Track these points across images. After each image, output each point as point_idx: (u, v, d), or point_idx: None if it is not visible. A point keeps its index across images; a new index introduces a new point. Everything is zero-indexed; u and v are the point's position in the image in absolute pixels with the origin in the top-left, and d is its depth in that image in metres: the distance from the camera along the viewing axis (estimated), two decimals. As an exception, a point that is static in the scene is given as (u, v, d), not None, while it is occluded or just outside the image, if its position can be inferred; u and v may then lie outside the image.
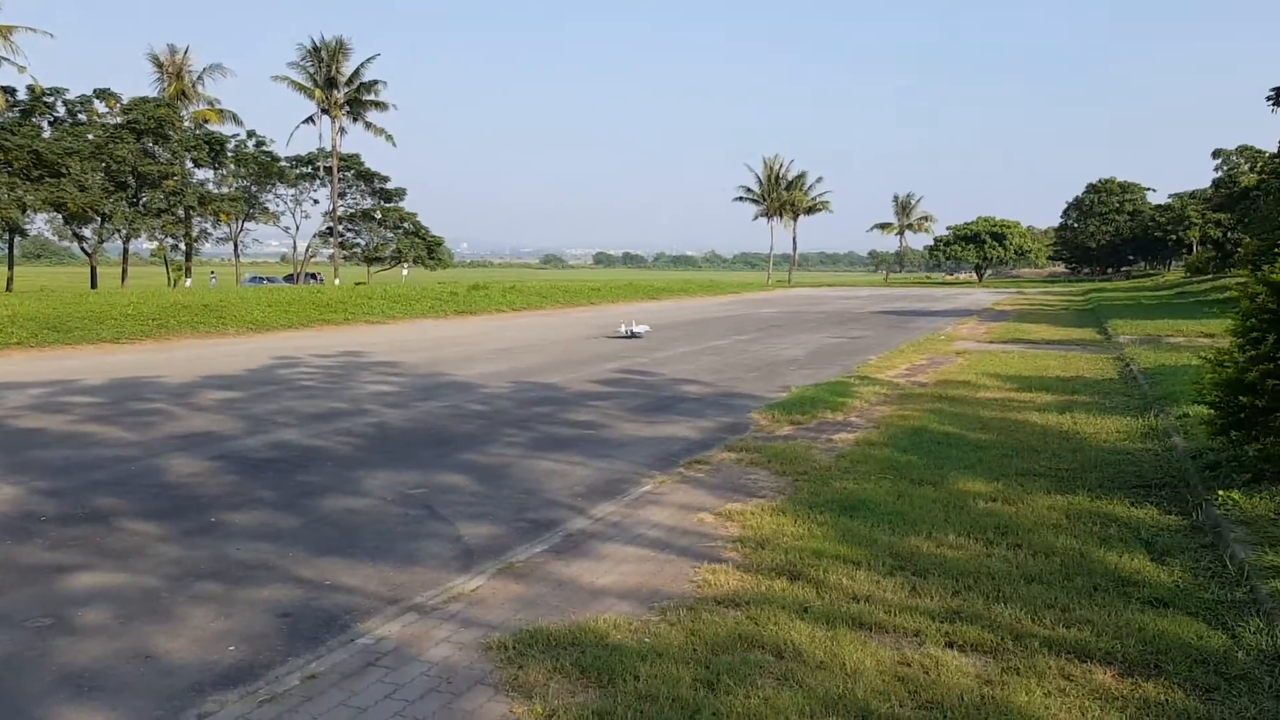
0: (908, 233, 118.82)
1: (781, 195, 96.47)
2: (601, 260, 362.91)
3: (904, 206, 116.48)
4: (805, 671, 4.39)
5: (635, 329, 25.60)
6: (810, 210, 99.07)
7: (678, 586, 5.66)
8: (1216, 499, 7.03)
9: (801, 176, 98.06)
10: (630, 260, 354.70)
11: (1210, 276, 65.39)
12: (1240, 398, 7.25)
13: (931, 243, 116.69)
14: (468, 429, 11.00)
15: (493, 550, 6.43)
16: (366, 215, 73.05)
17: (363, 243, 73.89)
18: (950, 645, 4.74)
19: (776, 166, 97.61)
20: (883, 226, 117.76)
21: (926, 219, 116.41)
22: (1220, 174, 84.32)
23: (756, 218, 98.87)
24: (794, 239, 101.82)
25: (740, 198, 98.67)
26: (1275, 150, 52.99)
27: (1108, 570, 5.81)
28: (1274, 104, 37.19)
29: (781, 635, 4.76)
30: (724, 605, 5.26)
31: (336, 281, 61.16)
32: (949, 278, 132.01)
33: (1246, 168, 77.98)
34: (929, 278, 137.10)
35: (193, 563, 6.15)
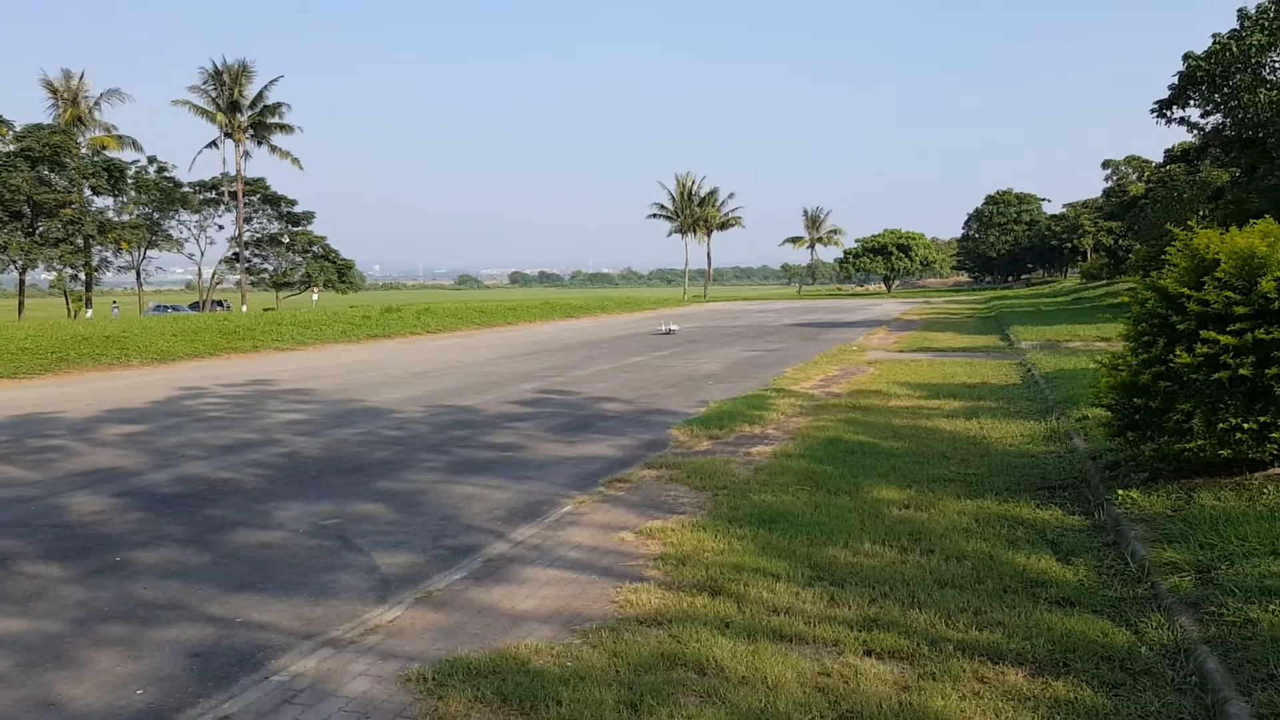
0: (818, 246, 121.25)
1: (695, 212, 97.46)
2: (518, 280, 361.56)
3: (814, 220, 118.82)
4: (727, 687, 4.42)
5: (671, 327, 31.13)
6: (723, 226, 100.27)
7: (600, 608, 5.64)
8: (1116, 498, 7.32)
9: (714, 193, 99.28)
10: (547, 279, 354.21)
11: (1105, 282, 68.21)
12: (1134, 400, 7.54)
13: (841, 255, 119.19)
14: (383, 455, 10.81)
15: (410, 579, 6.32)
16: (274, 240, 71.54)
17: (271, 268, 72.31)
18: (868, 653, 4.83)
19: (689, 183, 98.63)
20: (794, 240, 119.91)
21: (836, 232, 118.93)
22: (1110, 183, 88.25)
23: (671, 234, 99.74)
24: (708, 254, 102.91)
25: (654, 215, 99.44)
26: (1160, 160, 55.64)
27: (1017, 572, 5.98)
28: (1158, 116, 39.00)
29: (703, 652, 4.78)
30: (646, 625, 5.26)
31: (244, 308, 59.65)
32: (859, 289, 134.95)
33: (1135, 177, 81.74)
34: (840, 289, 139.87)
35: (98, 604, 5.91)
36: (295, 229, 71.89)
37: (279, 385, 18.61)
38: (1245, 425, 6.83)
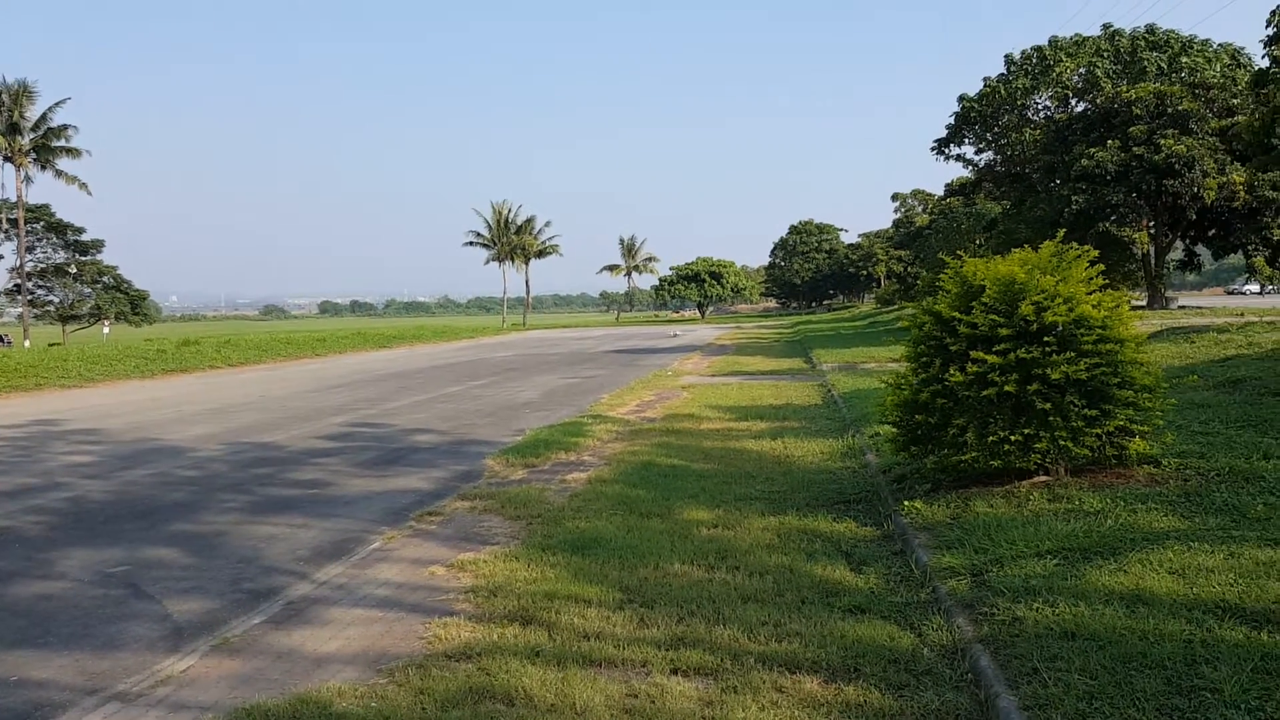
0: (635, 273, 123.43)
1: (512, 239, 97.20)
2: (328, 309, 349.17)
3: (630, 249, 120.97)
4: (536, 716, 4.44)
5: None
6: (541, 254, 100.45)
7: (407, 645, 5.54)
8: (903, 509, 7.83)
9: (530, 221, 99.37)
10: (359, 308, 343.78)
11: (896, 307, 72.69)
12: (916, 416, 8.12)
13: (657, 282, 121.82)
14: (177, 497, 10.21)
15: (205, 626, 6.00)
16: (60, 270, 66.42)
17: (56, 300, 67.08)
18: (675, 672, 4.95)
19: (505, 211, 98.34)
20: (611, 268, 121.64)
21: (651, 260, 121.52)
22: (899, 215, 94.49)
23: (488, 262, 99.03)
24: (527, 282, 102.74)
25: (471, 242, 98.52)
26: (941, 194, 60.13)
27: (814, 583, 6.29)
28: (937, 153, 42.22)
29: (513, 683, 4.78)
30: (454, 659, 5.21)
31: (26, 343, 54.85)
32: (675, 315, 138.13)
33: (920, 209, 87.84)
34: (657, 316, 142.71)
35: None
36: (83, 258, 67.00)
37: (64, 425, 17.26)
38: (1012, 438, 7.47)
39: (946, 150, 42.32)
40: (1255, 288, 79.09)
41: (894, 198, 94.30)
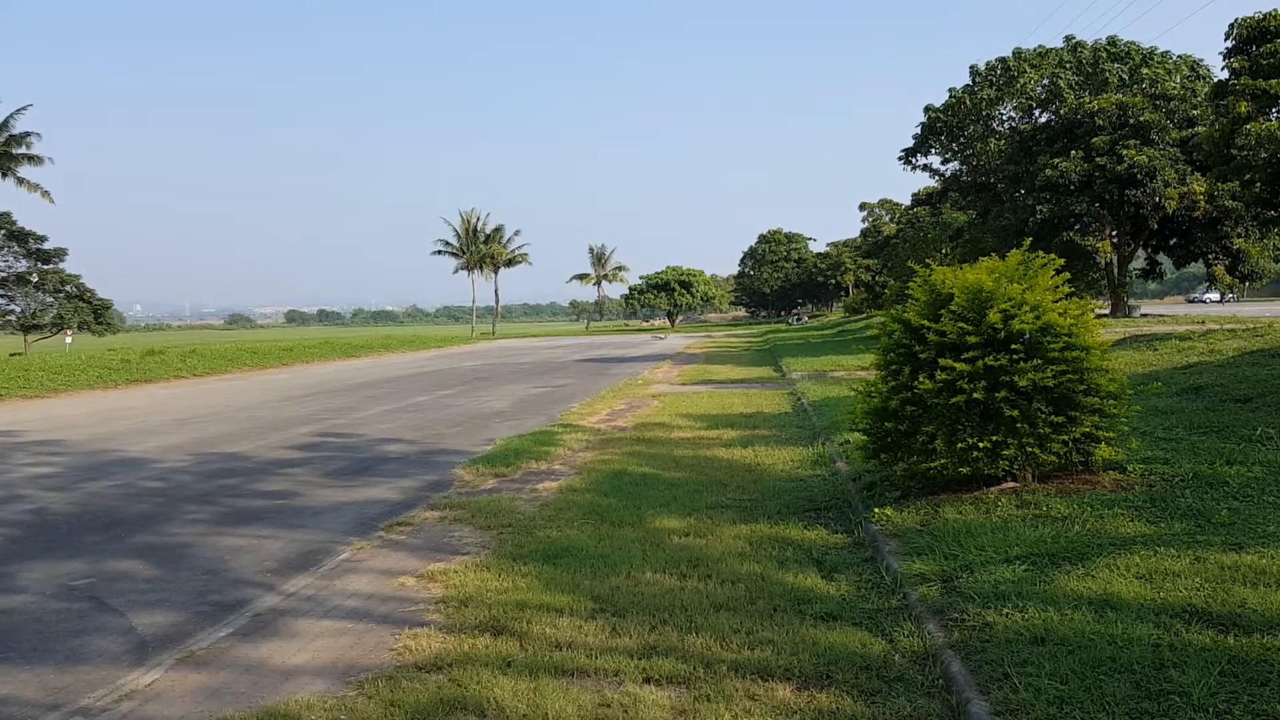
0: (604, 283, 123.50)
1: (481, 249, 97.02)
2: (294, 319, 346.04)
3: (599, 258, 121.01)
4: (508, 727, 4.40)
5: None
6: (510, 262, 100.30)
7: (377, 657, 5.48)
8: (873, 516, 7.86)
9: (499, 230, 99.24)
10: (326, 317, 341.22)
11: (864, 316, 73.24)
12: (886, 424, 8.17)
13: (627, 292, 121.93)
14: (141, 508, 10.05)
15: (171, 639, 5.91)
16: (21, 279, 65.28)
17: (17, 309, 65.93)
18: (647, 681, 4.93)
19: (474, 220, 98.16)
20: (581, 277, 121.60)
21: (621, 269, 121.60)
22: (867, 224, 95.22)
23: (457, 271, 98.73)
24: (496, 291, 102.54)
25: (439, 251, 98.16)
26: (908, 203, 60.74)
27: (786, 591, 6.29)
28: (904, 163, 42.63)
29: (484, 694, 4.74)
30: (425, 670, 5.15)
31: (-15, 353, 53.95)
32: (644, 324, 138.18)
33: (887, 218, 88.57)
34: (627, 325, 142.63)
35: None
36: (45, 267, 65.97)
37: (25, 436, 16.98)
38: (980, 444, 7.53)
39: (913, 160, 42.79)
40: (1215, 296, 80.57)
41: (862, 207, 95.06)
